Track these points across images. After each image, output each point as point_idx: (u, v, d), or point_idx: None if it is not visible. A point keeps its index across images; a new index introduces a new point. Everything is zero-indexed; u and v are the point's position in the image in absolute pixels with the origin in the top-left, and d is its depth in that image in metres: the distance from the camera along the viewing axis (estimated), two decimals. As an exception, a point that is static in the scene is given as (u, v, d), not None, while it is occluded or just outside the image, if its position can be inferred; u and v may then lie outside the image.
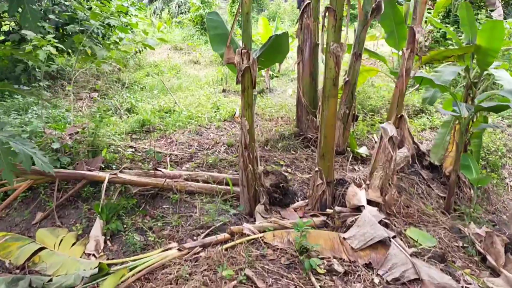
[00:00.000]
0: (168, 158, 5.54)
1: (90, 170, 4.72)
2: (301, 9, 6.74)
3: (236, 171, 5.37)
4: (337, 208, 4.42)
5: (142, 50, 10.50)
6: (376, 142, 7.53)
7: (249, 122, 4.32)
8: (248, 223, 4.30)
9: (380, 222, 4.19)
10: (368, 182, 4.82)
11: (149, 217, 4.38)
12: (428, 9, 13.26)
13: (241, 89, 4.31)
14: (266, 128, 7.09)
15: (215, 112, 8.04)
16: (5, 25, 8.87)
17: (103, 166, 4.95)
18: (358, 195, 4.62)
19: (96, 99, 9.18)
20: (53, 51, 6.23)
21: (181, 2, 22.39)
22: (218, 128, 7.13)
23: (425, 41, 11.62)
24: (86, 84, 9.87)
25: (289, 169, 5.73)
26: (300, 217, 4.52)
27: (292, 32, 18.02)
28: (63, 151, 5.06)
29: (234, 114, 7.67)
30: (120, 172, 4.71)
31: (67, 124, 7.11)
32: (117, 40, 11.84)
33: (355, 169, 6.12)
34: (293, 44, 9.85)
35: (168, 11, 22.81)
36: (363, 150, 6.66)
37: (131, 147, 5.98)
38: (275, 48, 4.57)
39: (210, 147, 6.12)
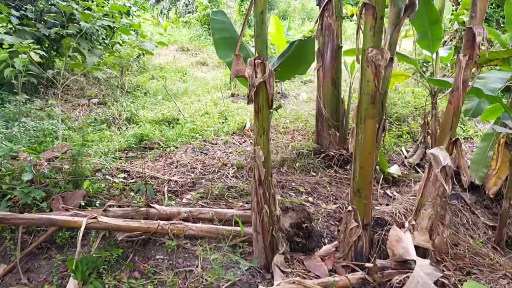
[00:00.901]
0: (166, 188, 4.53)
1: (67, 209, 3.73)
2: (322, 7, 5.68)
3: (248, 202, 4.35)
4: (379, 262, 3.36)
5: (144, 54, 9.52)
6: (405, 156, 6.47)
7: (264, 152, 3.29)
8: (264, 281, 3.28)
9: (436, 282, 3.14)
10: (413, 222, 3.76)
11: (138, 273, 3.36)
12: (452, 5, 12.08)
13: (254, 109, 3.28)
14: (281, 143, 6.04)
15: (222, 122, 7.01)
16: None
17: (83, 204, 3.95)
18: (403, 241, 3.56)
19: (93, 107, 8.21)
20: (35, 57, 5.25)
21: (188, 1, 21.38)
22: (226, 143, 6.11)
23: (450, 40, 10.47)
24: (81, 92, 8.90)
25: (310, 198, 4.69)
26: (330, 270, 3.49)
27: (305, 32, 16.90)
28: (39, 182, 4.08)
29: (244, 126, 6.64)
30: (104, 211, 3.70)
31: (55, 139, 6.16)
32: (120, 42, 10.88)
33: (388, 195, 5.06)
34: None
35: (175, 11, 21.81)
36: (394, 170, 5.60)
37: (124, 170, 4.98)
38: (297, 57, 3.52)
39: (216, 170, 5.09)
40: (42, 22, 8.73)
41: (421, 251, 3.65)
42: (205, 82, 12.23)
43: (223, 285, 3.18)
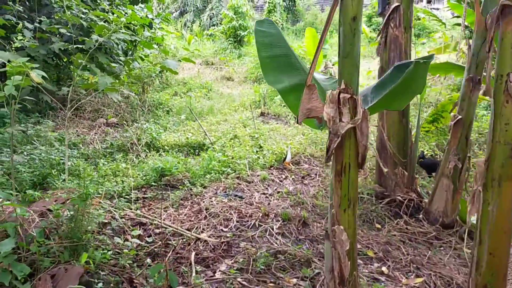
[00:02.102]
0: (193, 253, 3.33)
1: (56, 299, 2.57)
2: (386, 16, 4.46)
3: (304, 278, 3.13)
4: None
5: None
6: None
7: (349, 235, 2.07)
8: None
9: None
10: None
11: None
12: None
13: (335, 169, 2.07)
14: (332, 182, 4.82)
15: (257, 152, 5.82)
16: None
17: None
18: None
19: (109, 131, 7.15)
20: (37, 79, 4.19)
21: (213, 14, 20.45)
22: (264, 181, 4.90)
23: None
24: (98, 112, 7.87)
25: (384, 268, 3.43)
26: None
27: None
28: (23, 249, 2.95)
29: (284, 159, 5.44)
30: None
31: (61, 173, 5.08)
32: (142, 57, 9.87)
33: (481, 260, 3.75)
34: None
35: (199, 24, 20.90)
36: (480, 221, 4.28)
37: (139, 223, 3.82)
38: (405, 85, 2.29)
39: (256, 224, 3.88)
40: (58, 36, 7.79)
41: None
42: (231, 99, 11.11)
43: None
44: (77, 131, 7.83)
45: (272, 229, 3.78)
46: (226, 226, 3.82)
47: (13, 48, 7.58)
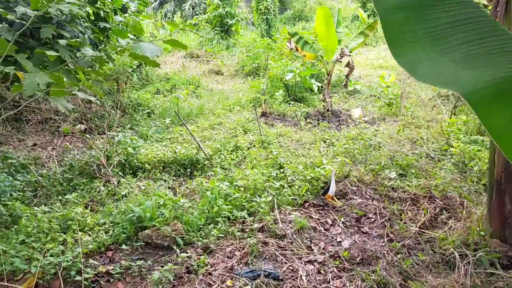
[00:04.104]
0: None
1: None
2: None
3: None
4: None
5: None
6: None
7: None
8: None
9: None
10: None
11: None
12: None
13: None
14: (405, 229, 2.96)
15: (276, 176, 3.91)
16: None
17: None
18: None
19: (68, 147, 5.15)
20: None
21: (195, 3, 18.28)
22: (302, 232, 3.01)
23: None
24: (46, 123, 5.87)
25: None
26: None
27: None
28: None
29: (325, 190, 3.52)
30: None
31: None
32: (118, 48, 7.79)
33: None
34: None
35: (181, 14, 18.72)
36: None
37: None
38: None
39: None
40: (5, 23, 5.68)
41: None
42: (224, 96, 9.13)
43: None
44: (35, 144, 5.80)
45: None
46: None
47: None
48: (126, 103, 7.85)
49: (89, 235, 3.01)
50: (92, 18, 6.39)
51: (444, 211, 3.09)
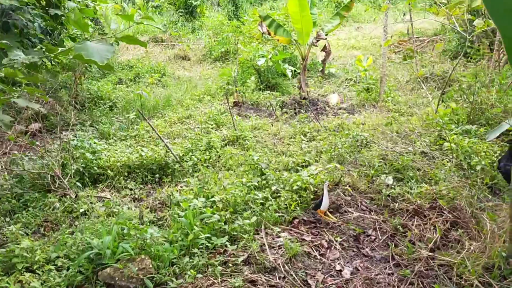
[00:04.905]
0: None
1: None
2: None
3: None
4: None
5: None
6: None
7: None
8: None
9: None
10: None
11: None
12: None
13: None
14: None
15: (258, 184, 3.40)
16: None
17: None
18: None
19: (16, 155, 4.43)
20: None
21: (157, -17, 17.10)
22: (294, 261, 2.52)
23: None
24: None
25: None
26: None
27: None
28: None
29: (318, 204, 3.02)
30: None
31: None
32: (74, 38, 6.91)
33: None
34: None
35: (142, -5, 17.50)
36: None
37: None
38: None
39: None
40: None
41: None
42: (192, 84, 8.46)
43: None
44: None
45: None
46: None
47: None
48: (85, 96, 7.07)
49: (38, 277, 2.43)
50: (43, 3, 5.57)
51: (455, 225, 2.70)
